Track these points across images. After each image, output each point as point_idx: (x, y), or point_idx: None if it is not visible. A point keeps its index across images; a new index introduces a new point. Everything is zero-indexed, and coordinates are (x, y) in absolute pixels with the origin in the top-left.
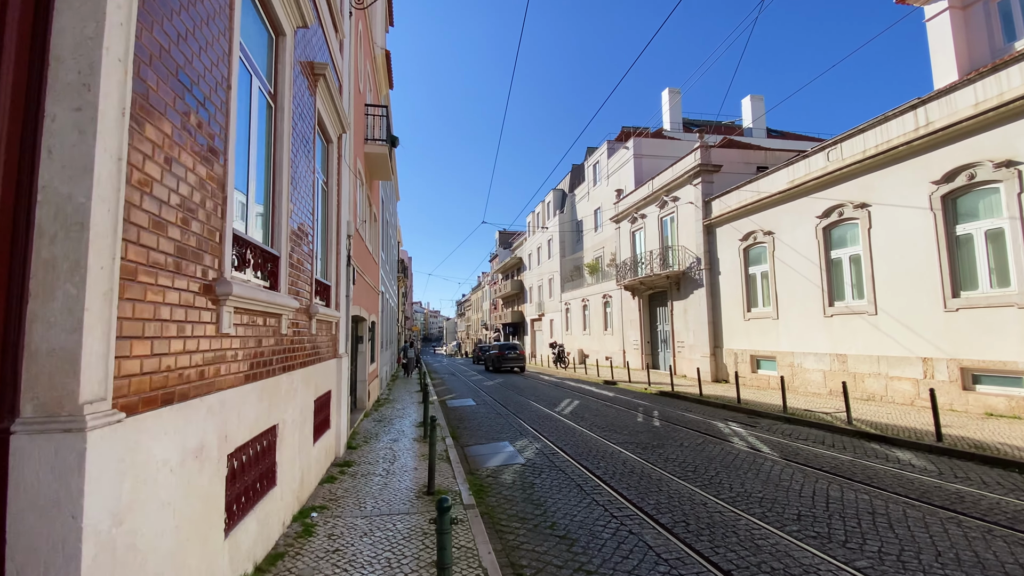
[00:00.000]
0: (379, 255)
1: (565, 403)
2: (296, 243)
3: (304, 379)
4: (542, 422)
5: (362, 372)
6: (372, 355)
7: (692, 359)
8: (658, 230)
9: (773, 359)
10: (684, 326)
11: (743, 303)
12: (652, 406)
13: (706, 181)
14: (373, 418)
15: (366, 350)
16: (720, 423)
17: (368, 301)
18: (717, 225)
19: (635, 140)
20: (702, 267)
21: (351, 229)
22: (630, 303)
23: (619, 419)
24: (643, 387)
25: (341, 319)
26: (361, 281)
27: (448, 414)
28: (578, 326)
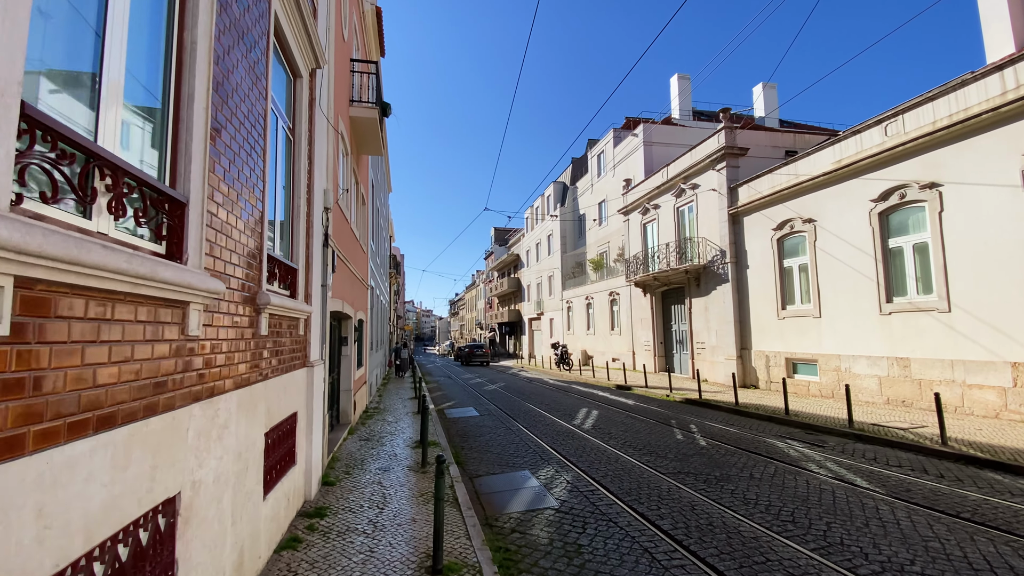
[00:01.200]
0: (368, 244)
1: (582, 413)
2: (222, 184)
3: (244, 406)
4: (563, 440)
5: (346, 380)
6: (360, 359)
7: (714, 362)
8: (674, 221)
9: (813, 362)
10: (705, 325)
11: (777, 300)
12: (684, 418)
13: (731, 166)
14: (360, 436)
15: (351, 353)
16: (776, 441)
17: (355, 295)
18: (745, 213)
19: (644, 127)
20: (727, 260)
21: (329, 200)
22: (641, 301)
23: (654, 436)
24: (663, 393)
25: (315, 315)
26: (345, 270)
27: (448, 428)
28: (581, 325)
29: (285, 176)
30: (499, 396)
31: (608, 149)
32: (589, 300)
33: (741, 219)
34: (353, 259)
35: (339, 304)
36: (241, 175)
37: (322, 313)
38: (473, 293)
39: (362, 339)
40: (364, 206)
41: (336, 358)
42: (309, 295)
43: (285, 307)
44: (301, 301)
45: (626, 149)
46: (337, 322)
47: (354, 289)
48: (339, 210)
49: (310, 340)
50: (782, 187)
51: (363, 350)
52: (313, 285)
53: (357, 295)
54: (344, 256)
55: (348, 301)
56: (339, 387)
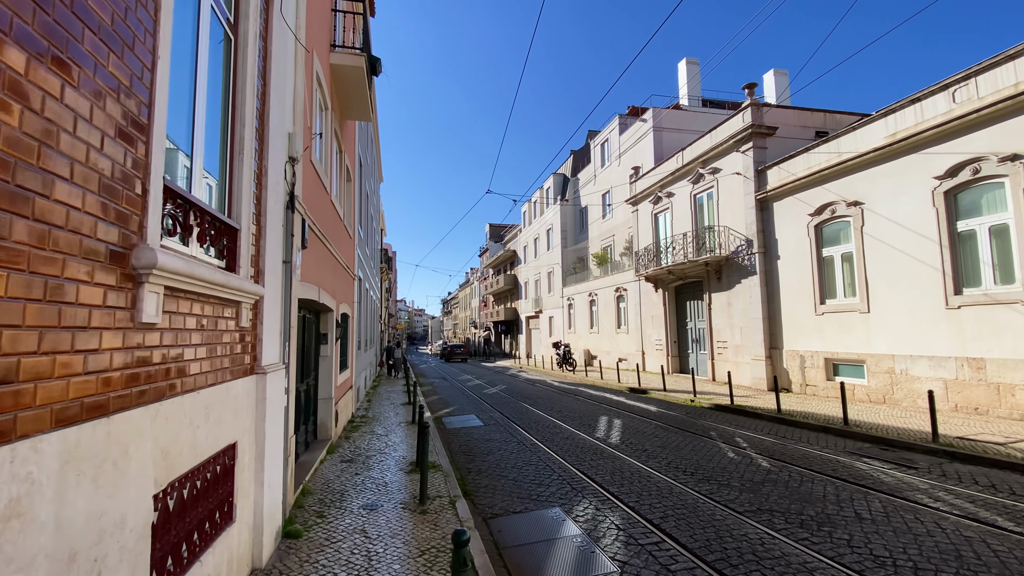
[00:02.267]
0: (355, 229)
1: (602, 423)
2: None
3: (91, 454)
4: (590, 459)
5: (325, 386)
6: (344, 360)
7: (738, 362)
8: (691, 209)
9: (859, 363)
10: (727, 322)
11: (814, 293)
12: (723, 428)
13: (758, 146)
14: (342, 455)
15: (333, 353)
16: (853, 460)
17: (337, 284)
18: (775, 198)
19: (654, 111)
20: (754, 250)
21: (297, 149)
22: (652, 297)
23: (699, 454)
24: (686, 398)
25: (270, 300)
26: (323, 252)
27: (449, 442)
28: (583, 323)
29: (223, 93)
30: (502, 401)
31: (613, 137)
32: (593, 297)
33: (770, 205)
34: (335, 240)
35: (314, 292)
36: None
37: (284, 299)
38: (467, 291)
39: (347, 337)
40: (350, 183)
41: (312, 360)
42: (260, 272)
43: (208, 281)
44: (245, 278)
45: (634, 136)
46: (313, 315)
47: (336, 277)
48: (313, 171)
49: (261, 336)
50: (822, 167)
51: (348, 350)
52: (267, 258)
53: (341, 284)
54: (322, 233)
55: (328, 290)
56: (316, 395)
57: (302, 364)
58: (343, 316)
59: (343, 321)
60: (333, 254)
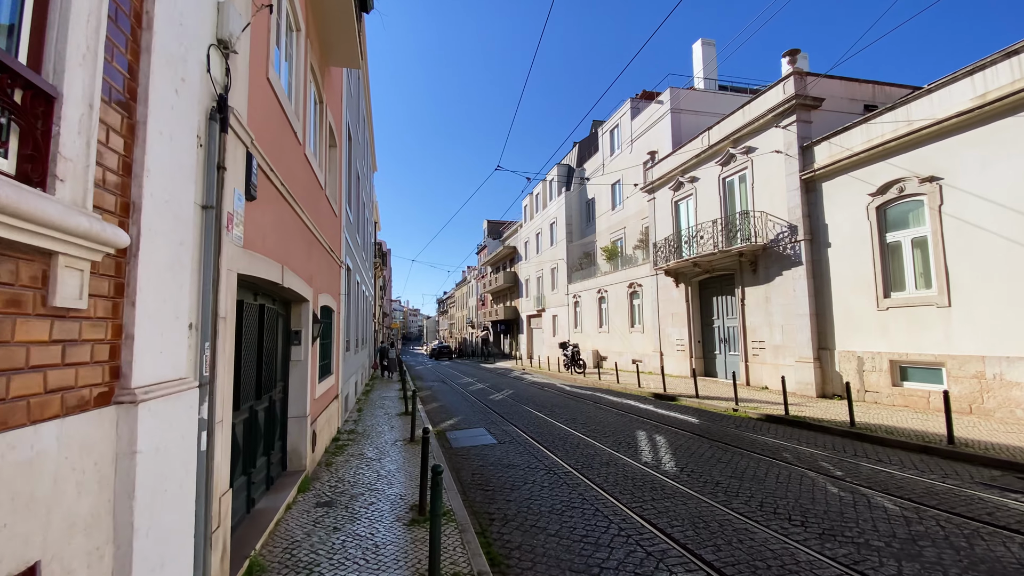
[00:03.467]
0: (342, 207)
1: (642, 441)
2: None
3: None
4: (654, 501)
5: (298, 401)
6: (327, 364)
7: (778, 365)
8: (719, 194)
9: (937, 366)
10: (765, 320)
11: (876, 285)
12: (795, 448)
13: (802, 120)
14: (318, 494)
15: (309, 357)
16: (996, 496)
17: (316, 268)
18: (824, 178)
19: (672, 91)
20: (798, 238)
21: (229, 29)
22: (671, 292)
23: (795, 491)
24: (726, 406)
25: (156, 262)
26: (295, 222)
27: (459, 467)
28: (591, 322)
29: None
30: (512, 409)
31: (624, 122)
32: (602, 293)
33: (818, 186)
34: (313, 211)
35: (274, 271)
36: None
37: (201, 267)
38: (464, 290)
39: (331, 336)
40: (335, 151)
41: (276, 367)
42: (135, 208)
43: None
44: (76, 208)
45: (648, 120)
46: (280, 307)
47: (314, 258)
48: (272, 94)
49: (130, 327)
50: (886, 139)
51: (333, 352)
52: (154, 186)
53: (321, 269)
54: (290, 192)
55: (300, 272)
56: (284, 414)
57: (261, 374)
58: (325, 310)
59: (325, 316)
60: (309, 227)
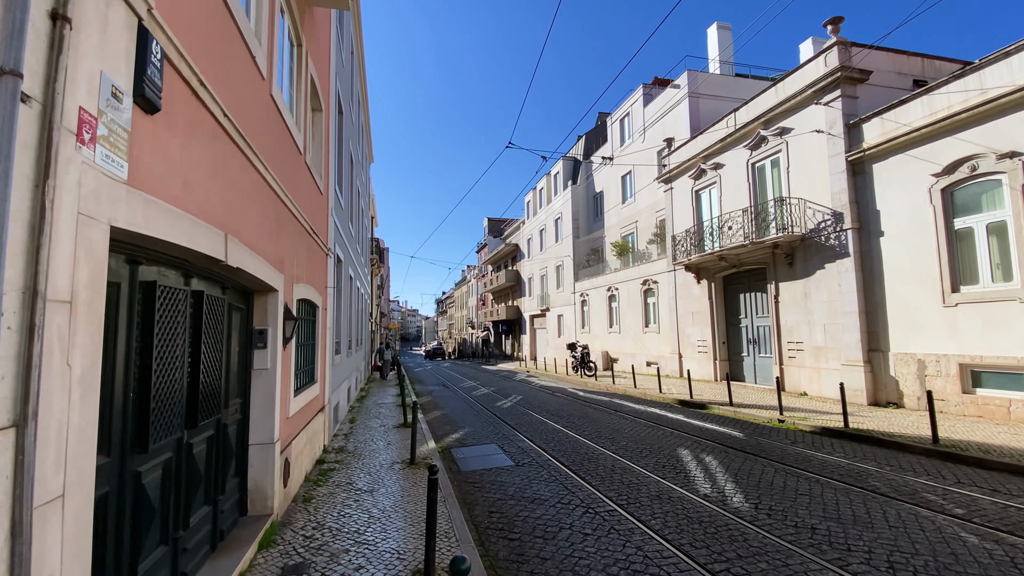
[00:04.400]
0: (329, 185)
1: (689, 463)
2: None
3: None
4: (741, 560)
5: (263, 423)
6: (311, 371)
7: (820, 368)
8: (748, 181)
9: (1019, 372)
10: (803, 318)
11: (942, 278)
12: (880, 473)
13: (847, 95)
14: (285, 554)
15: (279, 363)
16: None
17: (290, 250)
18: (875, 158)
19: (690, 74)
20: (845, 226)
21: None
22: (692, 289)
23: (925, 544)
24: (768, 416)
25: None
26: (254, 184)
27: (472, 501)
28: (600, 322)
29: None
30: (524, 419)
31: (636, 110)
32: (612, 291)
33: (868, 167)
34: (284, 174)
35: (212, 241)
36: None
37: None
38: (463, 290)
39: (316, 336)
40: (319, 115)
41: (229, 378)
42: None
43: None
44: None
45: (663, 105)
46: (235, 297)
47: (286, 236)
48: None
49: None
50: (956, 110)
51: (319, 356)
52: None
53: (297, 254)
54: (246, 138)
55: (265, 253)
56: (243, 441)
57: (198, 392)
58: (306, 306)
59: (307, 313)
60: (278, 194)
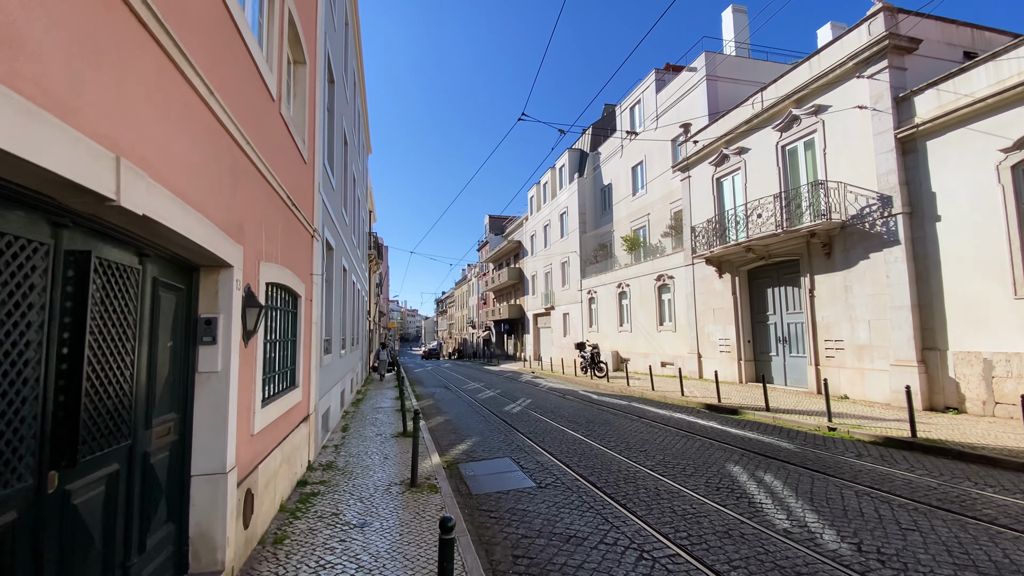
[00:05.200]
0: (314, 151)
1: (747, 484)
2: None
3: None
4: None
5: (213, 445)
6: (292, 373)
7: (864, 369)
8: (777, 165)
9: None
10: (844, 314)
11: (1014, 267)
12: (996, 500)
13: (895, 67)
14: None
15: (234, 365)
16: None
17: (255, 218)
18: (930, 134)
19: (707, 56)
20: (894, 211)
21: None
22: (713, 284)
23: None
24: (813, 424)
25: None
26: (182, 95)
27: (489, 541)
28: (610, 320)
29: None
30: (538, 427)
31: (648, 97)
32: (623, 288)
33: (921, 145)
34: (250, 120)
35: (101, 166)
36: None
37: None
38: (464, 289)
39: (297, 332)
40: (303, 67)
41: (145, 388)
42: None
43: None
44: None
45: (678, 90)
46: (170, 271)
47: (245, 193)
48: None
49: None
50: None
51: (300, 355)
52: None
53: (265, 221)
54: (185, 52)
55: (216, 216)
56: (182, 471)
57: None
58: (281, 292)
59: (284, 303)
60: (232, 135)
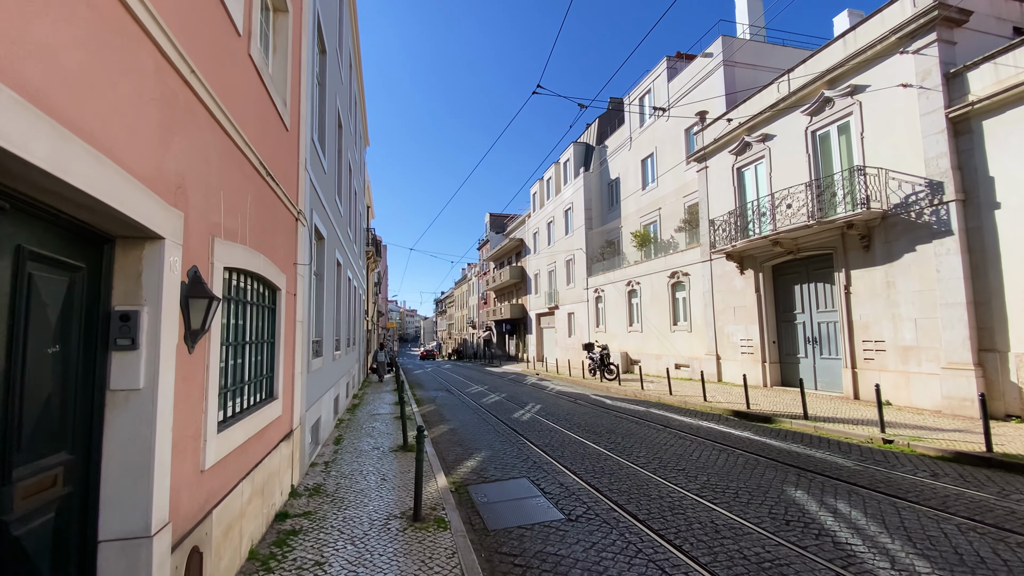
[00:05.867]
0: (300, 117)
1: (823, 517)
2: None
3: None
4: None
5: (132, 501)
6: (270, 382)
7: (908, 372)
8: (807, 152)
9: None
10: (885, 312)
11: None
12: None
13: (944, 40)
14: None
15: (171, 379)
16: None
17: (206, 181)
18: (986, 113)
19: (724, 40)
20: (946, 198)
21: None
22: (733, 281)
23: None
24: (862, 434)
25: None
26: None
27: None
28: (618, 320)
29: None
30: (554, 438)
31: (659, 86)
32: (632, 286)
33: (976, 125)
34: (200, 48)
35: None
36: None
37: None
38: (464, 288)
39: (276, 333)
40: (284, 16)
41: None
42: None
43: None
44: None
45: (692, 77)
46: (71, 246)
47: (187, 142)
48: None
49: None
50: None
51: (281, 361)
52: None
53: (230, 194)
54: None
55: (132, 161)
56: (80, 535)
57: None
58: (251, 282)
59: (261, 297)
60: (166, 53)
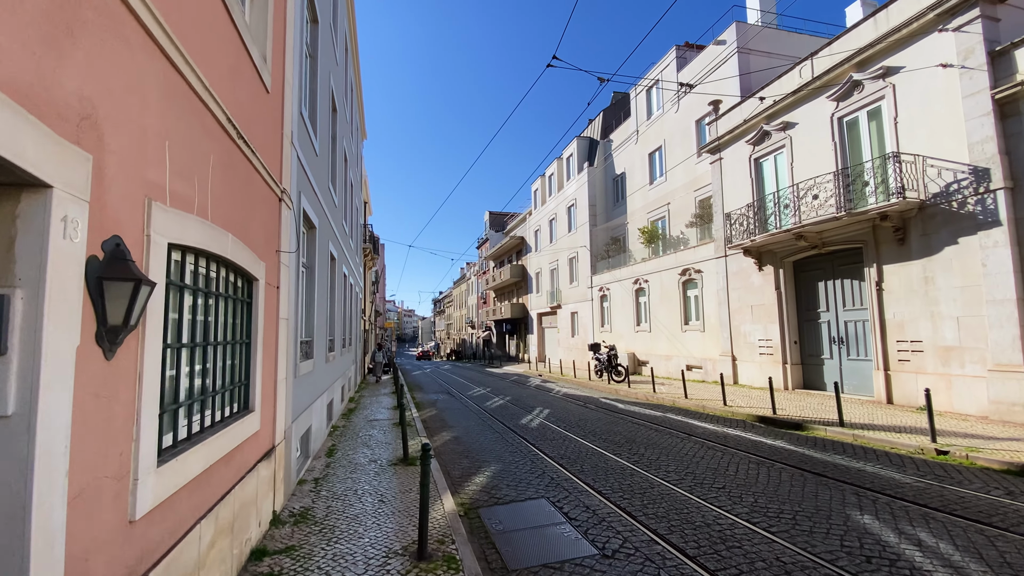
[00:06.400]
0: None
1: (909, 552)
2: None
3: None
4: None
5: None
6: (244, 391)
7: (949, 375)
8: (833, 140)
9: None
10: (922, 309)
11: None
12: None
13: (987, 16)
14: None
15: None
16: None
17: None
18: None
19: (738, 26)
20: (993, 186)
21: None
22: (751, 278)
23: None
24: (909, 444)
25: None
26: None
27: None
28: (625, 319)
29: None
30: (570, 449)
31: (668, 76)
32: (640, 284)
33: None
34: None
35: None
36: None
37: None
38: (463, 288)
39: (253, 332)
40: None
41: None
42: None
43: None
44: None
45: (704, 66)
46: None
47: (102, 61)
48: None
49: None
50: None
51: (257, 365)
52: None
53: (182, 149)
54: None
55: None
56: None
57: None
58: (216, 266)
59: (230, 288)
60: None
